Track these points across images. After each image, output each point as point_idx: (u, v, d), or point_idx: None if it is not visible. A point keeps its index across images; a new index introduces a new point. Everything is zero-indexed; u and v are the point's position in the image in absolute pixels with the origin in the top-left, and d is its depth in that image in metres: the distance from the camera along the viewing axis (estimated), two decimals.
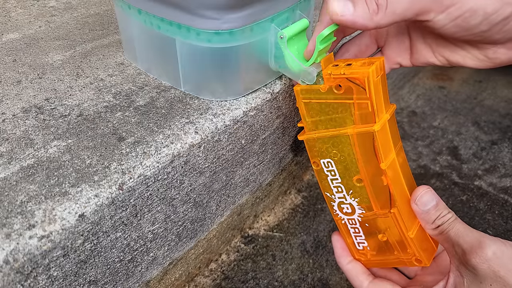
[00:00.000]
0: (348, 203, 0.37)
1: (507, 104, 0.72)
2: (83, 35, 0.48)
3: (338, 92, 0.33)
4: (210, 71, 0.37)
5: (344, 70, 0.33)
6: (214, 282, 0.47)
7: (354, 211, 0.37)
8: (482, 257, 0.29)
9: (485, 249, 0.30)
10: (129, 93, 0.39)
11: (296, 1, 0.36)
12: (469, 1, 0.30)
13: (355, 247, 0.40)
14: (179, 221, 0.38)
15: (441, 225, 0.33)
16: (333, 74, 0.33)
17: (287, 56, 0.36)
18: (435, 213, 0.34)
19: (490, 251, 0.29)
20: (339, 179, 0.37)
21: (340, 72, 0.33)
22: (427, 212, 0.34)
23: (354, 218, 0.38)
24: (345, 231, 0.40)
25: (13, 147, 0.33)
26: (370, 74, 0.32)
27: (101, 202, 0.29)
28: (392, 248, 0.38)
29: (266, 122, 0.42)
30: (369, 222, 0.38)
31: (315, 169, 0.37)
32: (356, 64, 0.34)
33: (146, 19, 0.36)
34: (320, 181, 0.38)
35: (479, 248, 0.30)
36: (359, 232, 0.39)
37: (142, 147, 0.33)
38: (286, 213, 0.55)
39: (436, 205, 0.34)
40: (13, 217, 0.27)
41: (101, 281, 0.33)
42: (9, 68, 0.42)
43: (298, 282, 0.47)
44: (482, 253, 0.30)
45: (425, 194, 0.34)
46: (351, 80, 0.33)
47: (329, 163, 0.36)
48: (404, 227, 0.36)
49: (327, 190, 0.38)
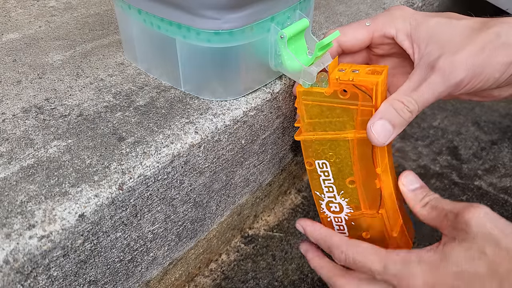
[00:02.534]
0: (337, 202, 0.39)
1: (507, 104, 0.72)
2: (83, 35, 0.48)
3: (343, 97, 0.34)
4: (210, 71, 0.37)
5: (352, 76, 0.34)
6: (214, 282, 0.47)
7: (342, 210, 0.39)
8: (475, 214, 0.30)
9: (478, 208, 0.31)
10: (129, 93, 0.39)
11: (296, 1, 0.36)
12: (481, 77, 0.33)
13: None
14: (179, 221, 0.38)
15: (429, 201, 0.34)
16: (341, 79, 0.34)
17: (287, 56, 0.36)
18: (422, 191, 0.36)
19: (482, 211, 0.30)
20: (331, 179, 0.38)
21: (348, 78, 0.34)
22: (414, 191, 0.36)
23: (341, 217, 0.40)
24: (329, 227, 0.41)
25: (13, 147, 0.33)
26: (379, 84, 0.33)
27: (101, 202, 0.29)
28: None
29: (266, 122, 0.42)
30: (355, 220, 0.39)
31: (308, 169, 0.39)
32: (363, 71, 0.35)
33: (146, 19, 0.36)
34: (311, 180, 0.39)
35: (472, 207, 0.31)
36: (344, 230, 0.41)
37: (142, 147, 0.33)
38: (286, 213, 0.55)
39: (421, 186, 0.36)
40: (13, 217, 0.27)
41: (101, 281, 0.33)
42: (9, 68, 0.42)
43: (298, 282, 0.47)
44: (476, 211, 0.30)
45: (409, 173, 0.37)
46: (358, 87, 0.34)
47: (324, 164, 0.37)
48: (390, 226, 0.38)
49: (317, 189, 0.39)
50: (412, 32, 0.36)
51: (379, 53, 0.40)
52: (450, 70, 0.33)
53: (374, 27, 0.38)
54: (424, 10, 0.64)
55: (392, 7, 0.38)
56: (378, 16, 0.38)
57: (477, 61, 0.33)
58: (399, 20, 0.36)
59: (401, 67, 0.40)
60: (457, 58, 0.33)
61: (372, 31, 0.38)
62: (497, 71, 0.33)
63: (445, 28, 0.35)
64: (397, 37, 0.36)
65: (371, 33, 0.38)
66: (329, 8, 0.56)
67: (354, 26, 0.38)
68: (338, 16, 0.54)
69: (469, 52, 0.33)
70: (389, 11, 0.38)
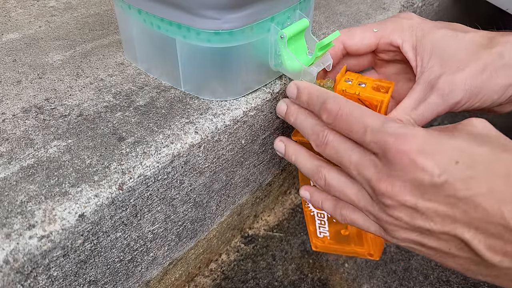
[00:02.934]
0: None
1: None
2: (83, 35, 0.48)
3: None
4: (210, 71, 0.37)
5: (358, 90, 0.35)
6: (214, 282, 0.47)
7: None
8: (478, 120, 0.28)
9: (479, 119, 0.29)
10: (129, 93, 0.39)
11: (296, 1, 0.36)
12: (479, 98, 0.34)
13: (316, 234, 0.44)
14: (179, 221, 0.38)
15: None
16: (347, 91, 0.35)
17: (287, 56, 0.36)
18: None
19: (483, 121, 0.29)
20: None
21: (355, 92, 0.35)
22: None
23: (324, 213, 0.41)
24: (310, 221, 0.43)
25: (13, 147, 0.33)
26: (385, 102, 0.35)
27: (101, 202, 0.29)
28: (350, 241, 0.42)
29: (266, 122, 0.42)
30: None
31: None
32: (369, 86, 0.36)
33: (146, 19, 0.36)
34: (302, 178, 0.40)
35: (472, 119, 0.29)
36: (324, 224, 0.42)
37: (142, 147, 0.33)
38: (286, 213, 0.55)
39: None
40: (13, 217, 0.27)
41: (101, 281, 0.33)
42: (9, 68, 0.42)
43: (298, 282, 0.47)
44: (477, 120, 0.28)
45: None
46: (363, 101, 0.35)
47: None
48: None
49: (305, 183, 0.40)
50: (417, 44, 0.36)
51: (384, 58, 0.40)
52: (449, 90, 0.33)
53: (381, 34, 0.38)
54: (424, 10, 0.64)
55: (401, 15, 0.38)
56: (386, 22, 0.38)
57: (476, 83, 0.33)
58: (406, 30, 0.37)
59: (404, 74, 0.40)
60: (457, 78, 0.33)
61: (379, 37, 0.38)
62: (495, 93, 0.33)
63: (450, 41, 0.35)
64: (403, 47, 0.37)
65: (378, 39, 0.38)
66: (329, 8, 0.56)
67: (362, 30, 0.38)
68: (338, 16, 0.54)
69: (469, 72, 0.33)
70: (397, 19, 0.38)
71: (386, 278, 0.48)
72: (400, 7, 0.58)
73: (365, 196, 0.30)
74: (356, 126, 0.29)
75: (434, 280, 0.48)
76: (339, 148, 0.31)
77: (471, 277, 0.28)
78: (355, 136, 0.29)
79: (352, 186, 0.31)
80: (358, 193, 0.30)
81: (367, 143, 0.28)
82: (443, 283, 0.47)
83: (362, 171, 0.29)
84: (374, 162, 0.28)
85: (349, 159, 0.30)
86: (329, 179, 0.32)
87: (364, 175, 0.29)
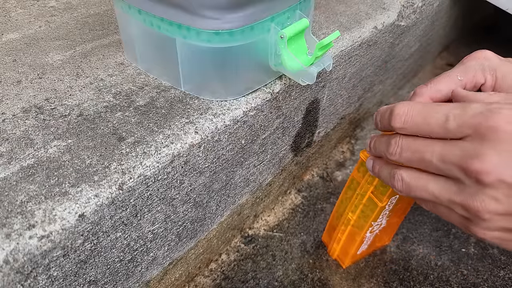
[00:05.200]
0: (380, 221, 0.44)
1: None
2: (83, 35, 0.48)
3: None
4: (210, 71, 0.37)
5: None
6: (214, 282, 0.47)
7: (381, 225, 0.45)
8: None
9: None
10: (129, 93, 0.39)
11: (296, 1, 0.36)
12: None
13: (355, 253, 0.47)
14: (179, 221, 0.38)
15: None
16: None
17: (287, 56, 0.36)
18: None
19: None
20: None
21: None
22: None
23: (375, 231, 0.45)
24: (357, 245, 0.45)
25: (13, 147, 0.33)
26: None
27: (101, 202, 0.29)
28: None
29: (266, 122, 0.42)
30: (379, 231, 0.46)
31: (380, 206, 0.40)
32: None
33: (146, 19, 0.36)
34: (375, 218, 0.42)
35: None
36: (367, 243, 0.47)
37: (142, 147, 0.33)
38: (286, 213, 0.55)
39: None
40: (13, 217, 0.27)
41: (101, 281, 0.33)
42: (9, 68, 0.42)
43: (298, 282, 0.47)
44: None
45: None
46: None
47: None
48: None
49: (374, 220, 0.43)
50: (496, 86, 0.36)
51: None
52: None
53: (466, 80, 0.37)
54: (424, 10, 0.64)
55: (477, 54, 0.38)
56: (466, 67, 0.37)
57: None
58: (488, 71, 0.36)
59: None
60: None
61: (464, 84, 0.37)
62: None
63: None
64: (485, 89, 0.36)
65: (463, 86, 0.37)
66: (329, 8, 0.56)
67: (447, 83, 0.37)
68: (338, 16, 0.54)
69: None
70: (476, 61, 0.37)
71: (386, 278, 0.48)
72: (400, 7, 0.58)
73: (451, 187, 0.29)
74: (434, 118, 0.29)
75: (434, 280, 0.48)
76: (416, 147, 0.30)
77: None
78: (434, 128, 0.29)
79: (434, 181, 0.30)
80: (441, 186, 0.29)
81: (451, 129, 0.28)
82: (443, 283, 0.47)
83: (449, 157, 0.28)
84: (461, 146, 0.28)
85: (431, 152, 0.29)
86: (407, 178, 0.32)
87: (451, 161, 0.28)
